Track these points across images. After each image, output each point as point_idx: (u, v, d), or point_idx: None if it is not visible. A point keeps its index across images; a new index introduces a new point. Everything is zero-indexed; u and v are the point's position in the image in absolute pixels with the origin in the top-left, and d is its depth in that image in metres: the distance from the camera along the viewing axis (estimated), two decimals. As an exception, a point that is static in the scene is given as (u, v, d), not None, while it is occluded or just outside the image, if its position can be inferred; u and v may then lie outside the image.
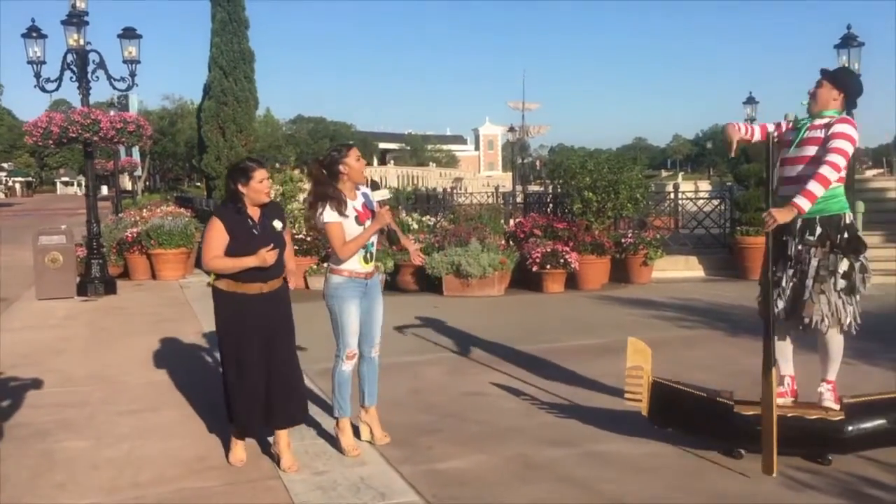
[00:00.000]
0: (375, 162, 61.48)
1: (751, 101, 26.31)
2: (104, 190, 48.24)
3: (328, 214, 4.80)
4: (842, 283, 4.56)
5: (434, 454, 4.93)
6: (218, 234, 4.59)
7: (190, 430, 5.48)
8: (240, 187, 4.62)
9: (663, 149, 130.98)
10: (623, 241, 12.55)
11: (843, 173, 4.55)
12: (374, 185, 4.99)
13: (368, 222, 4.89)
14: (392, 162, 59.34)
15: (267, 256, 4.51)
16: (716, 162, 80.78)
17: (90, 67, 12.55)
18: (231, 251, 4.57)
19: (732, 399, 4.80)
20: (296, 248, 12.76)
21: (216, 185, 18.19)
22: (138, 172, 43.55)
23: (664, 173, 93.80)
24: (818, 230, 4.58)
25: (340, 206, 4.80)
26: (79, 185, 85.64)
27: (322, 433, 5.26)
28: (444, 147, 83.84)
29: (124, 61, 13.05)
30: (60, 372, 7.23)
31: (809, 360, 5.06)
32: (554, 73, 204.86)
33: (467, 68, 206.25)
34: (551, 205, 15.45)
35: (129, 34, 13.00)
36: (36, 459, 4.89)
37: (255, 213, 4.69)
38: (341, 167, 4.88)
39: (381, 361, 5.23)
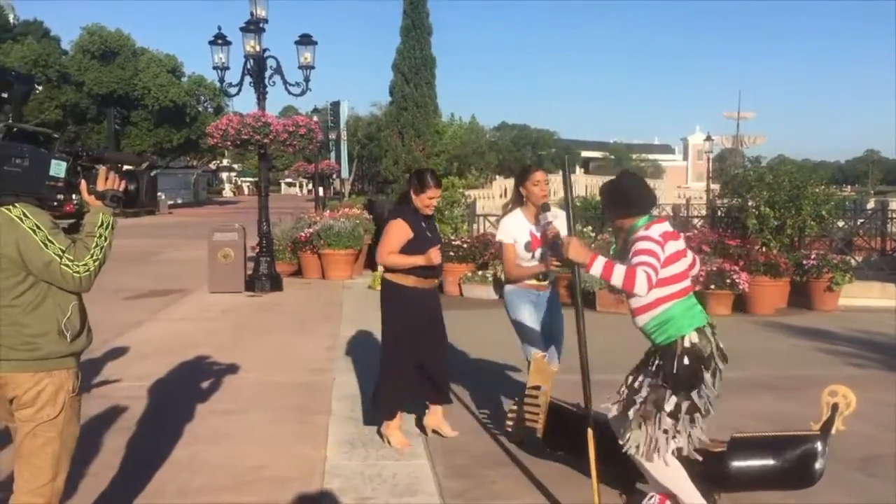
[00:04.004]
0: (578, 170, 60.68)
1: None
2: (321, 191, 51.02)
3: (500, 233, 5.07)
4: (667, 422, 3.76)
5: (495, 490, 4.49)
6: (401, 232, 4.92)
7: (265, 435, 5.40)
8: (412, 193, 4.98)
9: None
10: (804, 262, 11.26)
11: (676, 288, 3.79)
12: (545, 207, 4.82)
13: (539, 251, 4.92)
14: (581, 171, 58.28)
15: (434, 256, 4.86)
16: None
17: (267, 73, 13.10)
18: (408, 249, 4.90)
19: None
20: (451, 254, 12.68)
21: (393, 188, 18.51)
22: (344, 175, 45.67)
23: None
24: (657, 361, 3.86)
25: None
26: (299, 186, 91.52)
27: (385, 455, 4.97)
28: (650, 156, 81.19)
29: (300, 67, 13.52)
30: (187, 365, 7.46)
31: None
32: (775, 79, 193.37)
33: (680, 75, 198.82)
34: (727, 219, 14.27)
35: (304, 41, 13.44)
36: (103, 455, 4.97)
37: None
38: (521, 189, 5.02)
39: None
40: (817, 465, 4.00)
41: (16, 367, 2.75)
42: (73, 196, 2.88)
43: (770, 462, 4.06)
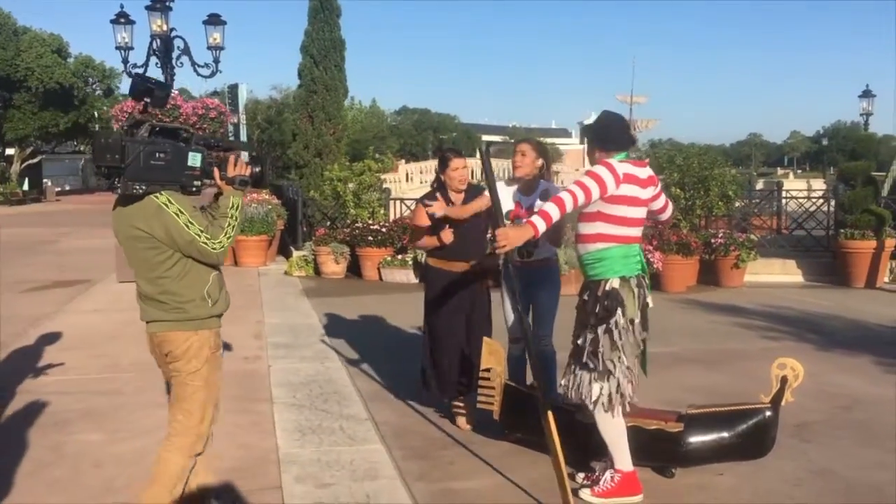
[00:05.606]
0: (477, 154, 61.14)
1: (867, 94, 24.52)
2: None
3: None
4: (590, 360, 3.89)
5: (454, 471, 4.51)
6: (419, 216, 5.11)
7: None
8: (441, 175, 5.10)
9: (780, 145, 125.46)
10: (713, 241, 11.73)
11: (621, 232, 3.85)
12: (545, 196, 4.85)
13: (520, 220, 4.73)
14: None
15: (444, 236, 4.91)
16: (836, 160, 76.53)
17: (174, 53, 12.67)
18: (435, 230, 4.99)
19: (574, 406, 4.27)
20: (370, 238, 12.59)
21: (304, 173, 18.18)
22: (245, 159, 44.53)
23: (780, 171, 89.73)
24: (585, 294, 3.98)
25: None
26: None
27: (338, 440, 4.92)
28: (548, 140, 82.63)
29: (209, 48, 13.15)
30: (108, 357, 7.18)
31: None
32: (666, 65, 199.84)
33: (575, 60, 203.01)
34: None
35: (213, 20, 13.08)
36: (44, 451, 4.74)
37: (458, 198, 5.08)
38: (511, 162, 5.07)
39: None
40: (770, 436, 4.18)
41: (170, 327, 3.29)
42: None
43: (725, 435, 4.20)
